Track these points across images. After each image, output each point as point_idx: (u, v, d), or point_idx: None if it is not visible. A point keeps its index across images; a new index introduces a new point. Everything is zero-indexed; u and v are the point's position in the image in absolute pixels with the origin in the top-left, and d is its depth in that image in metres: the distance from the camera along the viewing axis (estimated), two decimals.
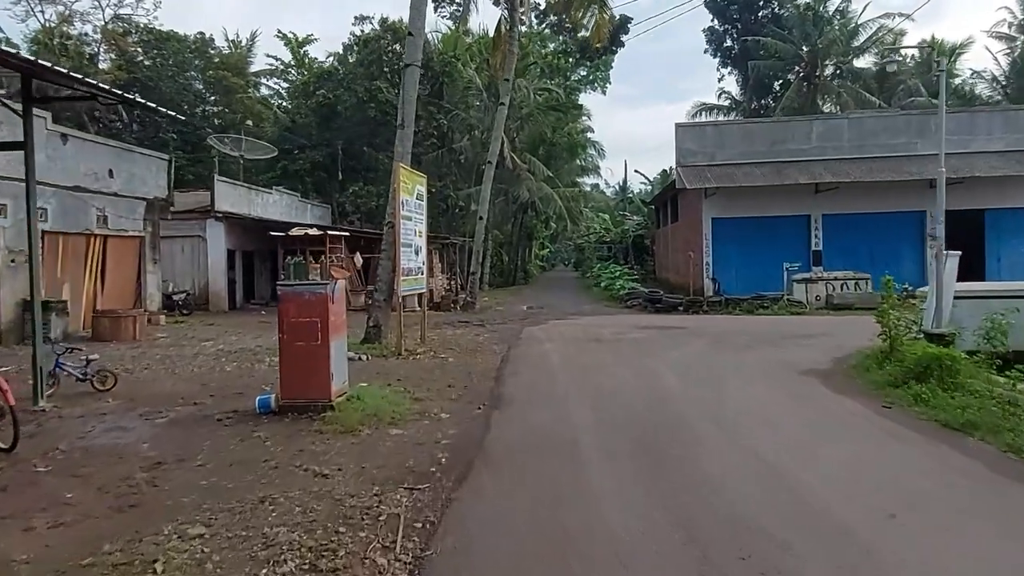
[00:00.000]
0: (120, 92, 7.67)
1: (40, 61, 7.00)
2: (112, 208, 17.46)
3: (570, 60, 51.95)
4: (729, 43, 49.68)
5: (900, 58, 22.30)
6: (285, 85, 44.40)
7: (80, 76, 7.20)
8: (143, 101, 8.07)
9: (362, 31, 37.29)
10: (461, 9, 44.94)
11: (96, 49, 36.85)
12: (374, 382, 9.50)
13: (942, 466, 5.65)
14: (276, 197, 28.70)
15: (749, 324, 16.79)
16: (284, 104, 43.46)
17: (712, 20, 49.86)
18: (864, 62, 44.64)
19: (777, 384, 9.13)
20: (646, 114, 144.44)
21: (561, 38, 50.94)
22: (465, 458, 5.87)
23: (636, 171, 53.21)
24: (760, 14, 48.16)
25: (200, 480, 5.50)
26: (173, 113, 8.99)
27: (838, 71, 43.87)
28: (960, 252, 10.97)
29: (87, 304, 17.02)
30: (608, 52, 45.99)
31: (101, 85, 7.57)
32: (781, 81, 46.99)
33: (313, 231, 6.60)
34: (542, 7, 48.28)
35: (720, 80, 51.97)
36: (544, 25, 49.92)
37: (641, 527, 4.35)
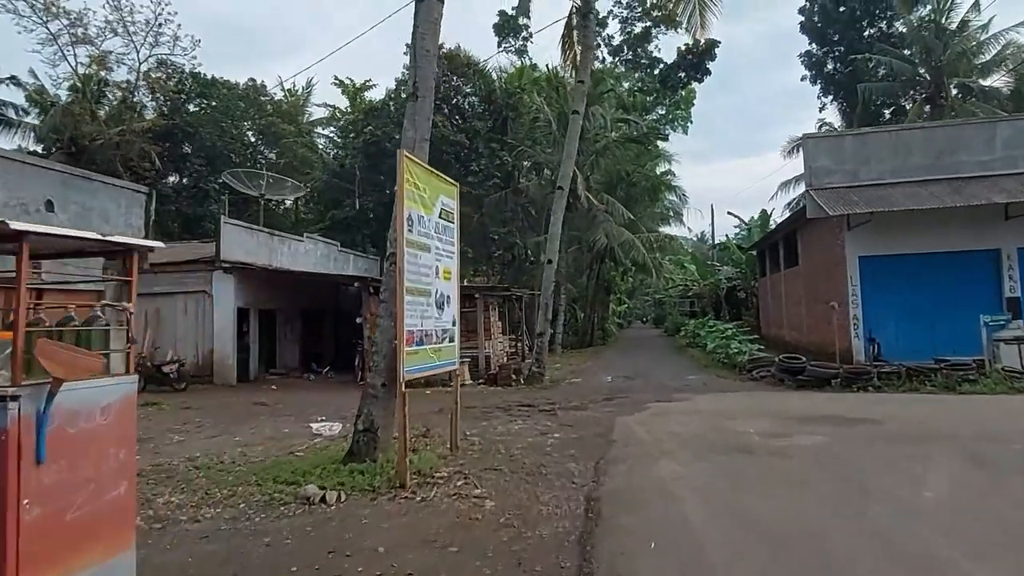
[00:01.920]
0: None
1: None
2: None
3: (648, 99, 47.09)
4: (831, 67, 43.73)
5: None
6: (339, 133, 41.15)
7: None
8: None
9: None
10: (525, 43, 40.94)
11: (133, 95, 34.28)
12: None
13: None
14: (308, 245, 24.33)
15: (976, 412, 10.61)
16: (335, 151, 39.97)
17: (810, 44, 44.17)
18: (997, 80, 37.77)
19: None
20: (719, 168, 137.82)
21: (636, 75, 46.38)
22: None
23: (729, 213, 47.07)
24: (867, 33, 42.21)
25: None
26: None
27: (963, 91, 37.21)
28: None
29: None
30: (692, 79, 40.91)
31: None
32: (894, 107, 40.72)
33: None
34: (616, 41, 44.01)
35: (821, 110, 45.63)
36: (618, 58, 45.53)
37: None
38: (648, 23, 40.53)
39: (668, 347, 32.55)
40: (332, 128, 42.80)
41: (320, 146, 42.08)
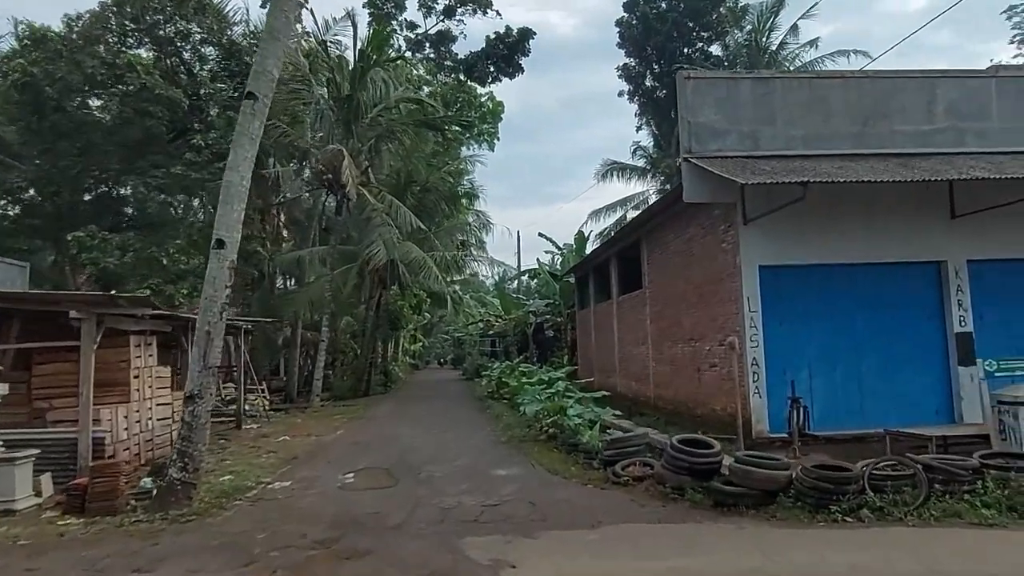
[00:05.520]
0: None
1: None
2: None
3: (452, 108, 40.09)
4: (650, 83, 39.83)
5: None
6: None
7: None
8: None
9: None
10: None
11: None
12: None
13: None
14: None
15: None
16: None
17: (628, 57, 40.04)
18: None
19: None
20: (523, 213, 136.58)
21: (440, 77, 39.43)
22: None
23: (540, 235, 41.17)
24: (686, 51, 38.82)
25: None
26: None
27: None
28: None
29: None
30: (503, 73, 34.52)
31: None
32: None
33: None
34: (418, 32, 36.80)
35: (638, 129, 41.41)
36: (418, 55, 38.36)
37: None
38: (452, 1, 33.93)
39: (466, 398, 24.68)
40: None
41: None
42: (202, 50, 23.49)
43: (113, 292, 12.00)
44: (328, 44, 24.39)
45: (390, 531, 6.65)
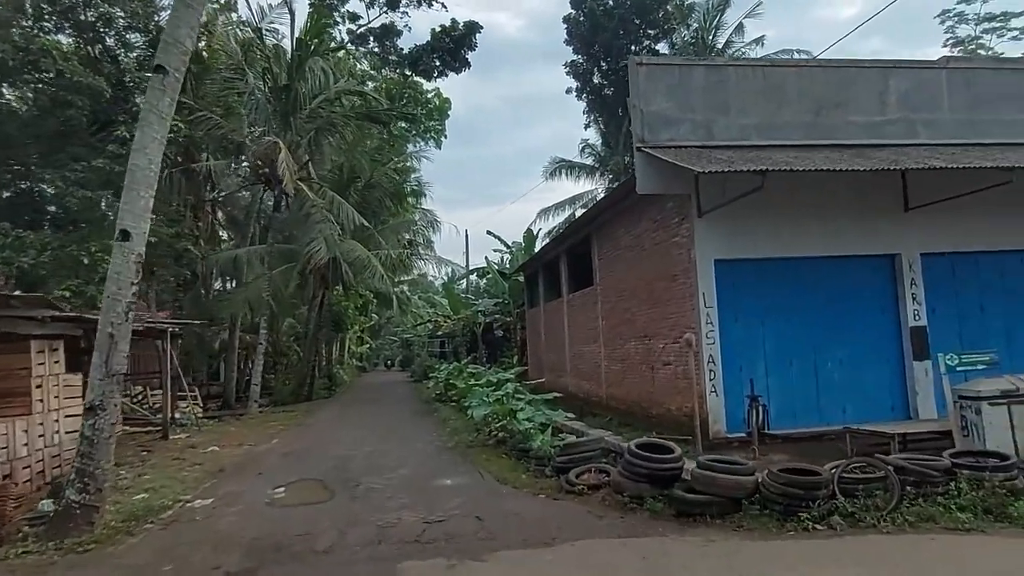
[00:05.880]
0: None
1: None
2: None
3: (399, 104, 39.06)
4: (598, 80, 39.59)
5: None
6: None
7: None
8: None
9: None
10: None
11: None
12: None
13: None
14: None
15: None
16: None
17: (576, 54, 39.72)
18: None
19: None
20: (473, 215, 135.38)
21: (384, 72, 38.34)
22: None
23: (489, 232, 40.38)
24: (634, 48, 38.76)
25: None
26: None
27: None
28: None
29: None
30: (449, 68, 33.72)
31: None
32: None
33: None
34: (361, 24, 35.65)
35: (587, 127, 41.15)
36: (362, 49, 37.22)
37: None
38: None
39: (412, 401, 23.83)
40: None
41: None
42: (127, 36, 22.04)
43: (17, 292, 10.87)
44: (264, 32, 23.24)
45: (317, 557, 5.89)
